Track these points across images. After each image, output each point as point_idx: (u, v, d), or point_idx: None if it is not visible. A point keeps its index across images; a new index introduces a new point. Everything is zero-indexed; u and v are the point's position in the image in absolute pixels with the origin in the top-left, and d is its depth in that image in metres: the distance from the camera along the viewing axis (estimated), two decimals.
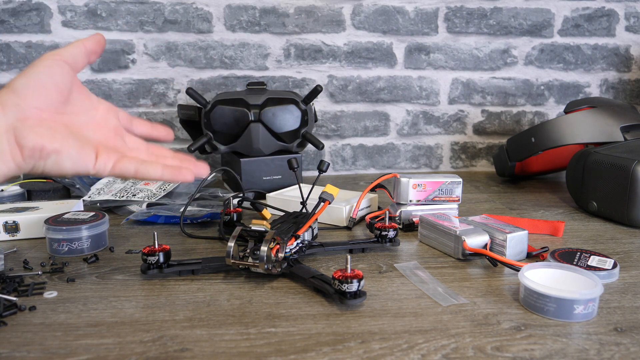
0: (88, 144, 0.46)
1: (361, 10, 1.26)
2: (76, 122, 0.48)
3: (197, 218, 0.85)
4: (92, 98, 0.51)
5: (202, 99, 1.04)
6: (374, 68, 1.30)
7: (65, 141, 0.44)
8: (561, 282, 0.57)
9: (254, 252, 0.63)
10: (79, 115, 0.49)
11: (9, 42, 1.19)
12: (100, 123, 0.50)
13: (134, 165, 0.47)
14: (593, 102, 1.05)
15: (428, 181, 0.82)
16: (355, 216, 0.84)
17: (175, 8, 1.22)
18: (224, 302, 0.57)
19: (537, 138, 1.04)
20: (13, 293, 0.59)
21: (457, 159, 1.38)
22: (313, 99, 1.05)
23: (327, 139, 1.33)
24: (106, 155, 0.47)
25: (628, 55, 1.35)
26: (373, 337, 0.49)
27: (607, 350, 0.47)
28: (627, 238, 0.80)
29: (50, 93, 0.45)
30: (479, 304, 0.56)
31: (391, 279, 0.63)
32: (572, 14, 1.32)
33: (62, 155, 0.44)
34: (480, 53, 1.32)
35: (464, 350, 0.47)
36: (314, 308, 0.55)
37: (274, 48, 1.26)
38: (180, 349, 0.47)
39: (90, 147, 0.46)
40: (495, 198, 1.06)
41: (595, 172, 0.89)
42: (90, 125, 0.49)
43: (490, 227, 0.72)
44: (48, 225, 0.71)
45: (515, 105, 1.36)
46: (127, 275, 0.65)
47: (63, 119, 0.47)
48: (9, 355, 0.46)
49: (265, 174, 1.04)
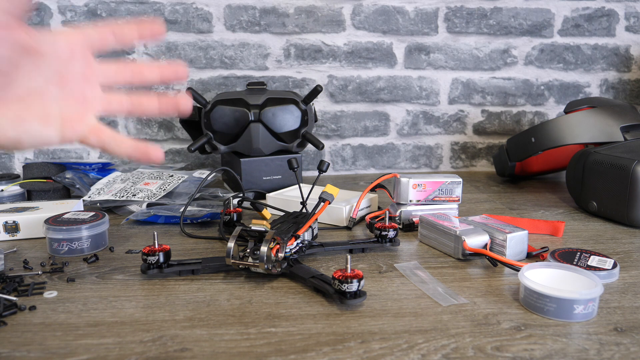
0: (49, 121, 0.41)
1: (361, 10, 1.26)
2: (33, 88, 0.41)
3: (197, 218, 0.85)
4: (45, 46, 0.41)
5: (202, 99, 1.04)
6: (374, 68, 1.30)
7: (21, 126, 0.40)
8: (561, 282, 0.57)
9: (254, 252, 0.63)
10: (34, 79, 0.41)
11: None
12: (64, 73, 0.42)
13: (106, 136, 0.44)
14: (593, 102, 1.05)
15: (428, 181, 0.82)
16: (355, 216, 0.84)
17: (175, 8, 1.22)
18: (224, 302, 0.57)
19: (537, 138, 1.04)
20: (13, 293, 0.59)
21: (457, 159, 1.38)
22: (313, 99, 1.05)
23: (327, 139, 1.33)
24: (71, 128, 0.42)
25: (628, 55, 1.35)
26: (373, 337, 0.49)
27: (607, 350, 0.47)
28: (627, 238, 0.80)
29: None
30: (479, 304, 0.56)
31: (391, 279, 0.63)
32: (572, 14, 1.32)
33: (23, 142, 0.41)
34: (480, 53, 1.32)
35: (464, 350, 0.47)
36: (314, 308, 0.55)
37: (274, 48, 1.26)
38: (180, 349, 0.47)
39: (52, 124, 0.41)
40: (495, 198, 1.06)
41: (595, 172, 0.89)
42: (52, 83, 0.42)
43: (490, 227, 0.72)
44: (48, 225, 0.71)
45: (515, 105, 1.36)
46: (127, 275, 0.65)
47: (15, 93, 0.40)
48: (9, 355, 0.46)
49: (265, 174, 1.04)
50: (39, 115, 0.41)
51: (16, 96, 0.40)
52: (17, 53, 0.38)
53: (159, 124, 1.27)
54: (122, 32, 0.44)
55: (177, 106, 0.46)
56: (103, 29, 0.43)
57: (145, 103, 0.46)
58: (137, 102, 0.46)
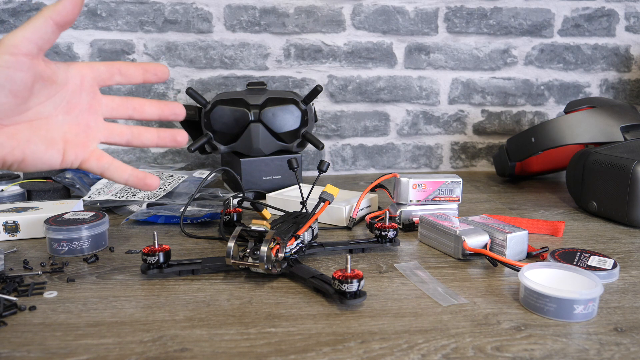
0: (53, 144, 0.44)
1: (361, 10, 1.26)
2: (42, 113, 0.43)
3: (197, 218, 0.85)
4: (59, 77, 0.44)
5: (202, 99, 1.04)
6: (374, 68, 1.30)
7: (27, 147, 0.42)
8: (561, 282, 0.57)
9: (254, 252, 0.63)
10: (44, 105, 0.43)
11: None
12: (72, 103, 0.45)
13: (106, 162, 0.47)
14: (593, 102, 1.05)
15: (428, 181, 0.82)
16: (355, 216, 0.84)
17: (175, 8, 1.22)
18: (224, 302, 0.57)
19: (537, 138, 1.04)
20: (13, 293, 0.59)
21: (457, 159, 1.38)
22: (313, 99, 1.05)
23: (327, 139, 1.33)
24: (73, 152, 0.45)
25: (628, 55, 1.35)
26: (373, 337, 0.49)
27: (607, 350, 0.47)
28: (627, 238, 0.80)
29: (7, 100, 0.40)
30: (479, 304, 0.56)
31: (391, 279, 0.63)
32: (572, 14, 1.32)
33: (27, 163, 0.43)
34: (480, 53, 1.32)
35: (464, 350, 0.47)
36: (314, 308, 0.55)
37: (274, 48, 1.26)
38: (180, 349, 0.47)
39: (55, 147, 0.44)
40: (495, 198, 1.06)
41: (595, 172, 0.89)
42: (60, 110, 0.44)
43: (490, 227, 0.72)
44: (48, 225, 0.71)
45: (515, 105, 1.36)
46: (127, 275, 0.65)
47: (26, 116, 0.42)
48: (9, 355, 0.46)
49: (265, 174, 1.04)
50: (45, 139, 0.44)
51: (26, 119, 0.43)
52: (34, 81, 0.41)
53: (159, 123, 1.27)
54: (128, 71, 0.48)
55: (175, 140, 0.50)
56: (112, 67, 0.47)
57: (144, 135, 0.49)
58: (137, 133, 0.49)
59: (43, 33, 0.40)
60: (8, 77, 0.39)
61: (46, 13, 0.40)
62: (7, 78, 0.39)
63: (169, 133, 0.50)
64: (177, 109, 0.50)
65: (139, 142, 0.49)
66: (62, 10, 0.40)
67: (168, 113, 0.49)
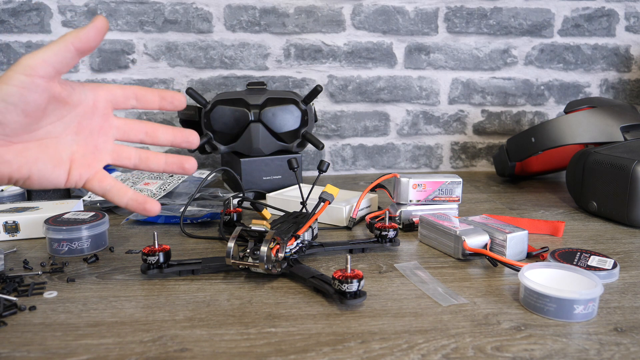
0: (60, 164, 0.44)
1: (361, 10, 1.26)
2: (52, 132, 0.44)
3: (197, 218, 0.85)
4: (73, 98, 0.44)
5: (202, 99, 1.04)
6: (374, 68, 1.30)
7: (34, 165, 0.43)
8: (561, 282, 0.57)
9: (254, 252, 0.63)
10: (55, 125, 0.44)
11: (9, 42, 1.19)
12: (82, 124, 0.45)
13: (108, 184, 0.47)
14: (593, 102, 1.05)
15: (428, 181, 0.82)
16: (355, 216, 0.84)
17: (175, 8, 1.22)
18: (224, 302, 0.57)
19: (537, 138, 1.04)
20: (13, 293, 0.59)
21: (457, 159, 1.38)
22: (313, 99, 1.05)
23: (327, 139, 1.33)
24: (78, 172, 0.45)
25: (628, 55, 1.35)
26: (373, 337, 0.49)
27: (607, 350, 0.47)
28: (627, 238, 0.80)
29: (19, 119, 0.40)
30: (479, 304, 0.56)
31: (391, 279, 0.63)
32: (572, 14, 1.32)
33: (32, 181, 0.43)
34: (480, 53, 1.32)
35: (464, 350, 0.47)
36: (314, 308, 0.55)
37: (274, 48, 1.26)
38: (180, 349, 0.47)
39: (62, 167, 0.44)
40: (495, 198, 1.06)
41: (595, 172, 0.89)
42: (70, 130, 0.45)
43: (490, 227, 0.72)
44: (48, 225, 0.71)
45: (515, 105, 1.36)
46: (127, 275, 0.65)
47: (36, 135, 0.43)
48: (9, 355, 0.46)
49: (265, 174, 1.04)
50: (52, 158, 0.44)
51: (36, 138, 0.43)
52: (48, 102, 0.42)
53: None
54: (145, 97, 0.48)
55: (183, 167, 0.49)
56: (128, 91, 0.47)
57: (152, 160, 0.49)
58: (145, 157, 0.49)
59: (62, 57, 0.40)
60: (22, 98, 0.39)
61: (68, 38, 0.40)
62: (20, 98, 0.39)
63: (177, 159, 0.49)
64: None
65: (146, 166, 0.49)
66: (84, 37, 0.40)
67: (181, 140, 0.49)
